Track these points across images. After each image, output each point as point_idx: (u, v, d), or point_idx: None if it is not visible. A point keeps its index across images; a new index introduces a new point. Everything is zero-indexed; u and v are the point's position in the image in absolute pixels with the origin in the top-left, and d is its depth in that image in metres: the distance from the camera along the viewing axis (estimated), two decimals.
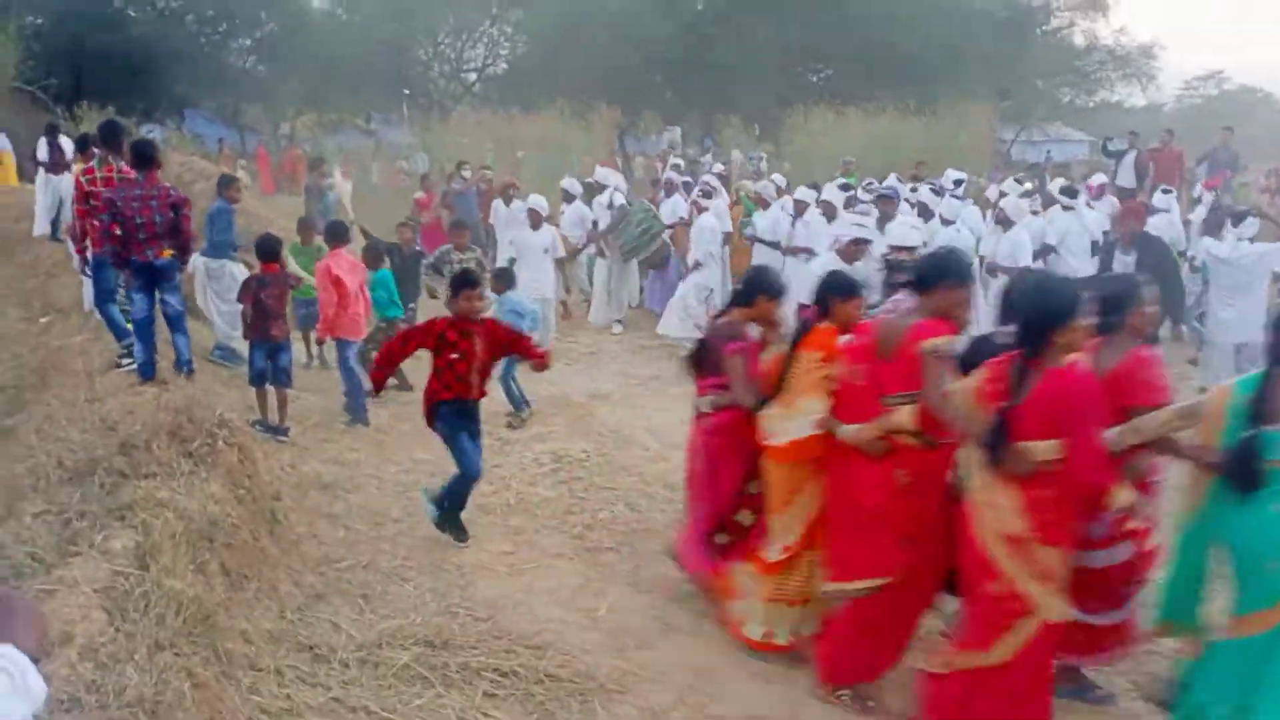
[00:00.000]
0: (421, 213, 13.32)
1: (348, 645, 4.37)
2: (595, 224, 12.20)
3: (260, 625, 4.36)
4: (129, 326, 6.76)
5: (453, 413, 5.60)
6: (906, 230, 7.55)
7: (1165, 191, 11.75)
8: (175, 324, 6.68)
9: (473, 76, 33.64)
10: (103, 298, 7.23)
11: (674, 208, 12.23)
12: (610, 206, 12.13)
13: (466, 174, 14.44)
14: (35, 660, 1.55)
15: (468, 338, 5.55)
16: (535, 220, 10.47)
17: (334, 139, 27.51)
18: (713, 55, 27.01)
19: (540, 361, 5.84)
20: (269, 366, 7.01)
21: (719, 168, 16.65)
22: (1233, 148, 17.18)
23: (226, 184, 8.62)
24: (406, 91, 31.14)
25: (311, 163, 17.03)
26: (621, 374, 10.02)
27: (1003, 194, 10.54)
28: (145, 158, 6.56)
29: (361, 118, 31.50)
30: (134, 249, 6.35)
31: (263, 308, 6.97)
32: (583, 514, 6.29)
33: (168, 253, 6.48)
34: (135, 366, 6.52)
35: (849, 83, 26.07)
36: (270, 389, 7.08)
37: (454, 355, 5.52)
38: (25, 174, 16.00)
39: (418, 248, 9.95)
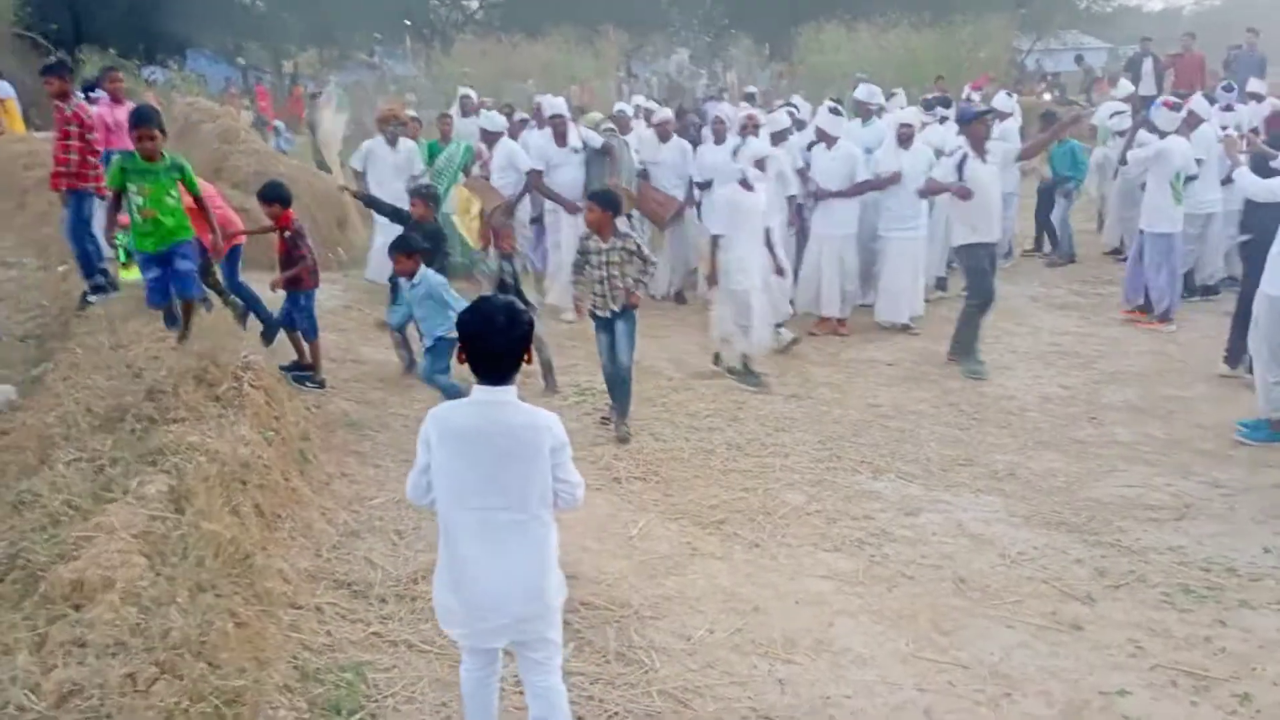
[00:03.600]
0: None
1: (384, 581, 4.42)
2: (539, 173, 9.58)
3: (298, 564, 4.41)
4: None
5: None
6: None
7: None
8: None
9: (475, 4, 33.06)
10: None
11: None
12: (581, 148, 9.58)
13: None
14: None
15: None
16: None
17: (338, 74, 27.14)
18: None
19: None
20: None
21: (750, 90, 15.23)
22: (1259, 50, 16.64)
23: None
24: (408, 22, 30.64)
25: (310, 96, 16.84)
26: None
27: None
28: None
29: (365, 51, 31.08)
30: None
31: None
32: (608, 444, 6.31)
33: None
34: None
35: None
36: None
37: None
38: (31, 121, 15.88)
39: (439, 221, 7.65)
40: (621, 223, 6.53)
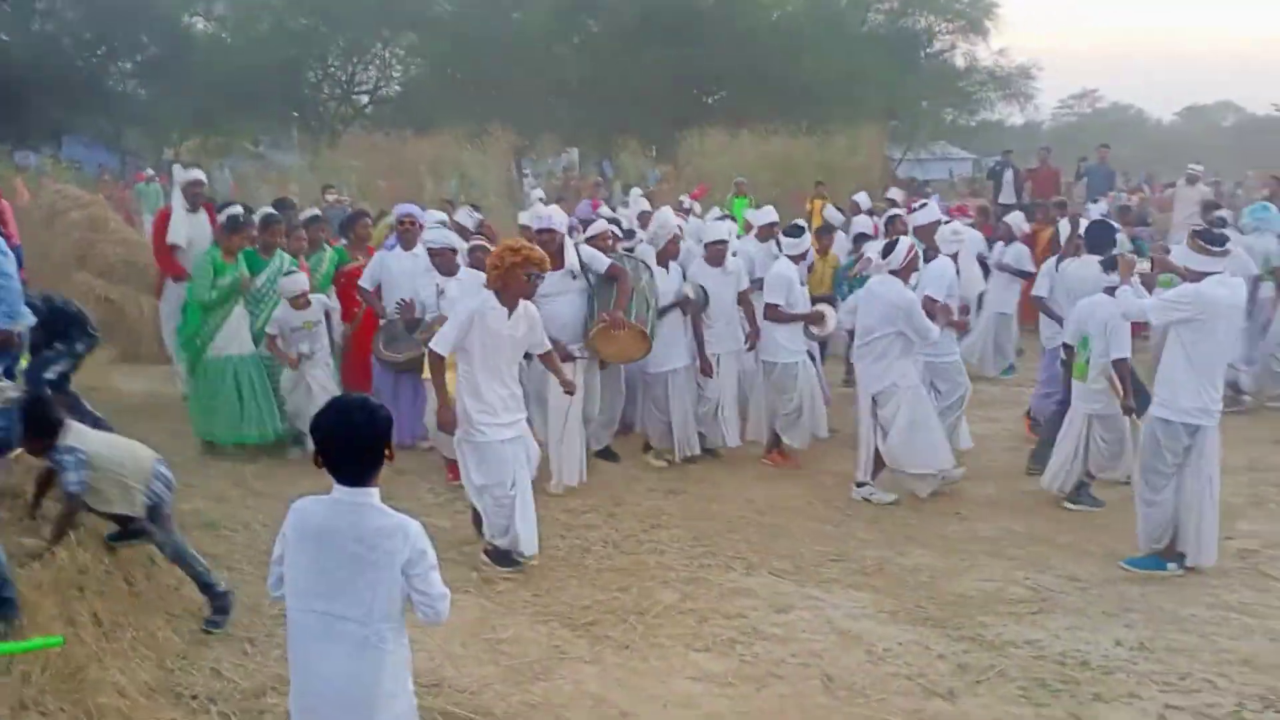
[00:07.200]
0: None
1: (231, 694, 4.19)
2: None
3: (137, 677, 4.14)
4: None
5: None
6: None
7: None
8: None
9: (365, 99, 33.16)
10: None
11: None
12: (579, 272, 7.25)
13: (330, 198, 14.35)
14: None
15: None
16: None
17: (221, 163, 26.74)
18: (609, 77, 27.17)
19: None
20: None
21: (638, 194, 13.58)
22: (1109, 165, 17.97)
23: None
24: (296, 114, 30.53)
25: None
26: None
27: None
28: None
29: (249, 141, 30.77)
30: None
31: None
32: (479, 544, 6.17)
33: None
34: None
35: (743, 105, 26.44)
36: None
37: None
38: None
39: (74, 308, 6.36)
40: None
